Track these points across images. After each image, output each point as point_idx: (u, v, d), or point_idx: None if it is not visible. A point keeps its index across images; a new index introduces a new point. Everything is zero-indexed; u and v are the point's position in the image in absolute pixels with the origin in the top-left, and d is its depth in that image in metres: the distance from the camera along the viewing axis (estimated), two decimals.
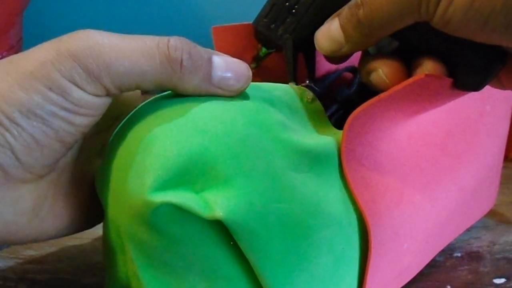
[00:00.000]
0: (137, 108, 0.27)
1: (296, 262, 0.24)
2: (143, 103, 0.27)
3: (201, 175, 0.23)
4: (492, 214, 0.43)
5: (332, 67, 0.38)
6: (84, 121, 0.24)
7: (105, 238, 0.27)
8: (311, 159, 0.25)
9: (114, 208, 0.25)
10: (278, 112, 0.27)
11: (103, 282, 0.30)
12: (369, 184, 0.27)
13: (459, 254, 0.37)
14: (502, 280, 0.34)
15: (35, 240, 0.27)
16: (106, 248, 0.27)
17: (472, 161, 0.35)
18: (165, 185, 0.22)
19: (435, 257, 0.35)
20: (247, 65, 0.26)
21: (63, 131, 0.24)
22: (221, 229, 0.23)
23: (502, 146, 0.40)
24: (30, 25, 0.60)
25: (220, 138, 0.23)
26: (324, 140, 0.27)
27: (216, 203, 0.22)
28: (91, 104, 0.24)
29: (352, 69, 0.39)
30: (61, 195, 0.27)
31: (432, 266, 0.35)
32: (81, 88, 0.24)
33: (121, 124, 0.26)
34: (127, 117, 0.26)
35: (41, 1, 0.66)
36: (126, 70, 0.24)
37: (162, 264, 0.24)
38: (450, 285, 0.34)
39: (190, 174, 0.23)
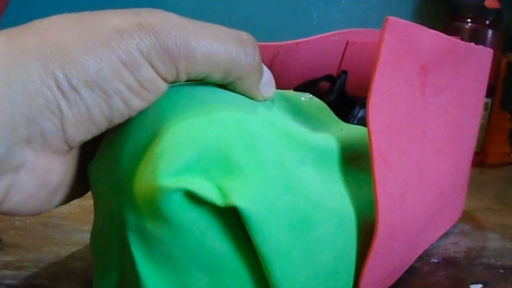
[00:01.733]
0: None
1: (301, 256, 0.24)
2: None
3: (215, 163, 0.23)
4: (469, 220, 0.44)
5: (311, 76, 0.39)
6: (139, 106, 0.23)
7: (97, 233, 0.27)
8: (316, 154, 0.26)
9: (117, 198, 0.24)
10: (282, 110, 0.27)
11: None
12: (386, 184, 0.26)
13: (436, 260, 0.38)
14: (479, 286, 0.35)
15: (36, 214, 0.25)
16: (98, 243, 0.27)
17: (452, 163, 0.35)
18: (178, 171, 0.22)
19: (412, 263, 0.36)
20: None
21: (118, 112, 0.23)
22: (230, 220, 0.23)
23: (471, 150, 0.41)
24: None
25: (233, 128, 0.23)
26: (329, 135, 0.27)
27: (232, 190, 0.22)
28: (156, 87, 0.23)
29: (330, 78, 0.39)
30: (76, 171, 0.26)
31: (409, 272, 0.35)
32: (154, 68, 0.22)
33: None
34: None
35: (20, 7, 0.65)
36: (203, 56, 0.23)
37: (166, 257, 0.24)
38: None
39: (203, 161, 0.23)
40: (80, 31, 0.22)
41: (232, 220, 0.23)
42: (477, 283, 0.35)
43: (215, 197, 0.22)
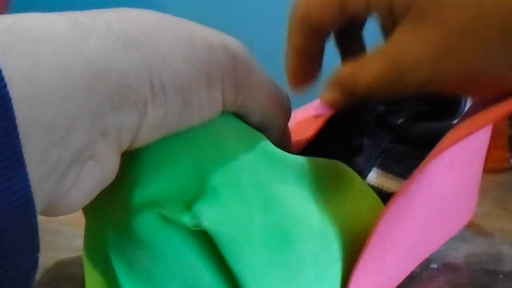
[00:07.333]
0: None
1: (280, 275, 0.24)
2: None
3: (189, 185, 0.23)
4: (468, 225, 0.44)
5: None
6: (193, 123, 0.23)
7: (86, 249, 0.27)
8: (296, 172, 0.26)
9: (100, 217, 0.25)
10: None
11: None
12: None
13: (435, 266, 0.38)
14: None
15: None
16: (86, 259, 0.27)
17: (458, 176, 0.35)
18: (152, 194, 0.23)
19: None
20: None
21: (180, 125, 0.22)
22: (205, 239, 0.23)
23: (482, 160, 0.41)
24: None
25: (209, 149, 0.24)
26: (309, 156, 0.27)
27: (202, 213, 0.22)
28: (215, 108, 0.23)
29: None
30: None
31: (409, 277, 0.35)
32: (222, 90, 0.23)
33: None
34: None
35: (20, 7, 0.66)
36: (257, 93, 0.25)
37: (145, 275, 0.24)
38: None
39: (178, 183, 0.23)
40: (177, 34, 0.22)
41: (207, 239, 0.23)
42: None
43: (186, 220, 0.22)
